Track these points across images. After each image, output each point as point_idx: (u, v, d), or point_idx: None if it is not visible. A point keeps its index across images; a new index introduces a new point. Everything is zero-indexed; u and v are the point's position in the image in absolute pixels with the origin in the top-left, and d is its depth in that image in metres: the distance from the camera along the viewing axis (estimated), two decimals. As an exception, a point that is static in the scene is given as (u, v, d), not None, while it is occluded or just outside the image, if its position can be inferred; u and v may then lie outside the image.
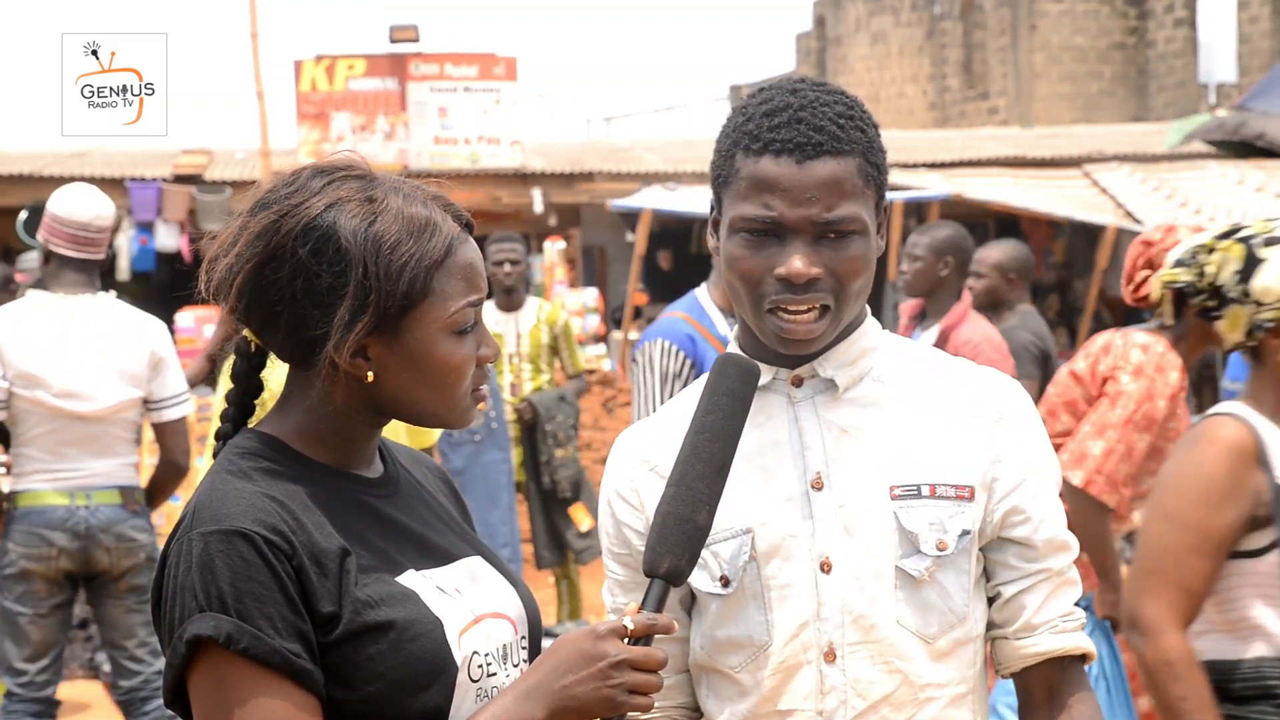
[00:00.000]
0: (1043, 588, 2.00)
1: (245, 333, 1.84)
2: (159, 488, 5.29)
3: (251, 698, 1.65)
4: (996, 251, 6.65)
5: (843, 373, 1.98)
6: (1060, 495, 2.06)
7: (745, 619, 1.96)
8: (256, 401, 1.89)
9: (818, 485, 1.95)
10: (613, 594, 2.10)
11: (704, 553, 1.96)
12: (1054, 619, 2.00)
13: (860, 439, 1.96)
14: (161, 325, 5.20)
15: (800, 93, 1.93)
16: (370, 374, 1.77)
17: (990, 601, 2.01)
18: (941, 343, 5.61)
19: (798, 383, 2.00)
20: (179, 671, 1.68)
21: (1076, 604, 2.03)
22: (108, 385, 4.99)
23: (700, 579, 1.98)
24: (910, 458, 1.95)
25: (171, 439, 5.19)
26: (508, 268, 7.49)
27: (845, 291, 1.91)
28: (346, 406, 1.79)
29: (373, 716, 1.71)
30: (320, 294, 1.73)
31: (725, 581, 1.97)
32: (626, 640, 1.70)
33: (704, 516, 1.79)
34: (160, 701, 5.18)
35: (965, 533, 1.94)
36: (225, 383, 1.94)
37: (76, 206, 5.02)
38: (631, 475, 2.05)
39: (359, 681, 1.70)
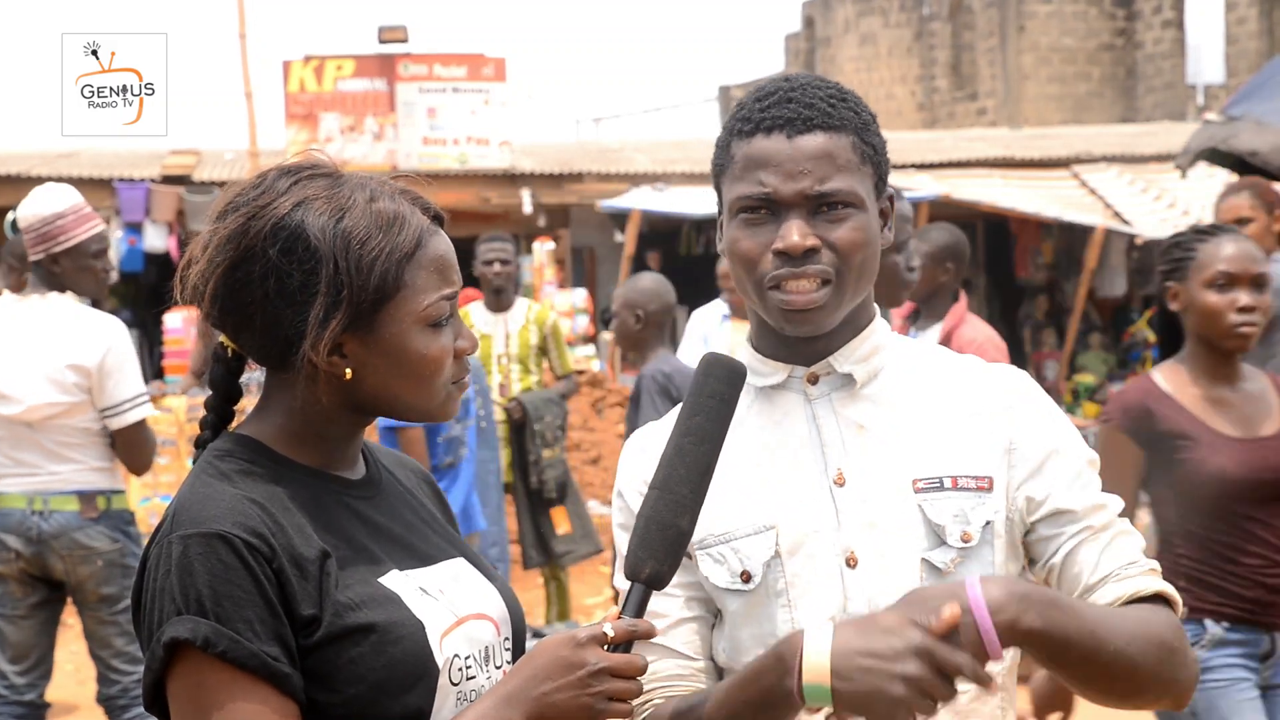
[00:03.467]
0: (1091, 543, 1.94)
1: (222, 339, 1.83)
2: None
3: (229, 701, 1.64)
4: None
5: (859, 368, 1.99)
6: None
7: (769, 617, 1.95)
8: (236, 408, 1.88)
9: (840, 481, 1.95)
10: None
11: (721, 549, 1.96)
12: (1116, 569, 1.94)
13: (879, 434, 1.97)
14: (113, 328, 5.01)
15: (792, 79, 1.96)
16: (348, 371, 1.77)
17: (1046, 582, 1.97)
18: (945, 342, 5.62)
19: (813, 380, 2.00)
20: (157, 675, 1.67)
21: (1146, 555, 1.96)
22: (33, 388, 4.88)
23: (719, 575, 1.96)
24: (929, 451, 1.95)
25: (124, 446, 5.00)
26: (497, 267, 7.48)
27: (847, 265, 1.90)
28: (326, 406, 1.79)
29: (354, 718, 1.70)
30: (292, 293, 1.73)
31: (747, 577, 1.95)
32: (607, 647, 1.69)
33: (686, 521, 1.77)
34: (139, 710, 5.14)
35: (988, 523, 1.94)
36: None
37: (21, 210, 5.01)
38: (645, 473, 2.01)
39: (340, 684, 1.69)
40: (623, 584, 2.05)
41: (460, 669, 1.76)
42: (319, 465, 1.82)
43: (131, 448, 5.00)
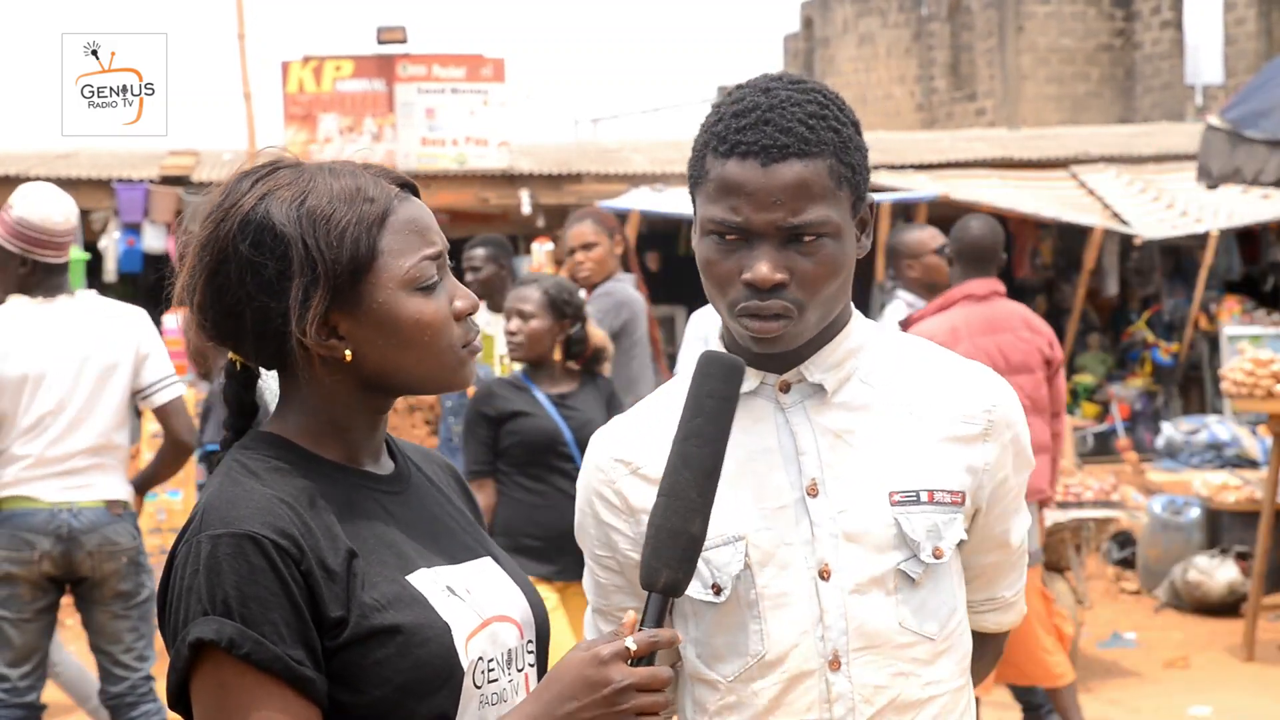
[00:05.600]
0: (980, 578, 2.08)
1: (231, 355, 1.84)
2: (164, 465, 5.32)
3: (251, 703, 1.64)
4: None
5: (830, 376, 1.97)
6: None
7: (741, 627, 1.94)
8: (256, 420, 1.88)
9: (813, 492, 1.93)
10: (596, 594, 2.08)
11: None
12: (978, 600, 2.09)
13: (855, 444, 1.95)
14: (144, 314, 5.22)
15: (773, 92, 1.90)
16: (347, 353, 1.76)
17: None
18: (904, 329, 5.67)
19: (785, 388, 1.98)
20: (182, 674, 1.67)
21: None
22: (86, 385, 4.98)
23: (692, 586, 1.95)
24: (907, 463, 1.94)
25: (173, 419, 5.17)
26: (469, 276, 7.43)
27: (813, 296, 1.89)
28: (339, 393, 1.78)
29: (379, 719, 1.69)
30: (270, 283, 1.73)
31: (717, 589, 1.95)
32: (630, 661, 1.68)
33: (698, 526, 1.76)
34: (147, 707, 5.18)
35: (960, 541, 1.96)
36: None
37: (50, 212, 4.97)
38: (610, 476, 2.02)
39: (366, 685, 1.68)
40: (592, 596, 2.07)
41: (484, 671, 1.75)
42: (344, 460, 1.81)
43: (181, 418, 5.16)
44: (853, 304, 2.03)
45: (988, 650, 2.12)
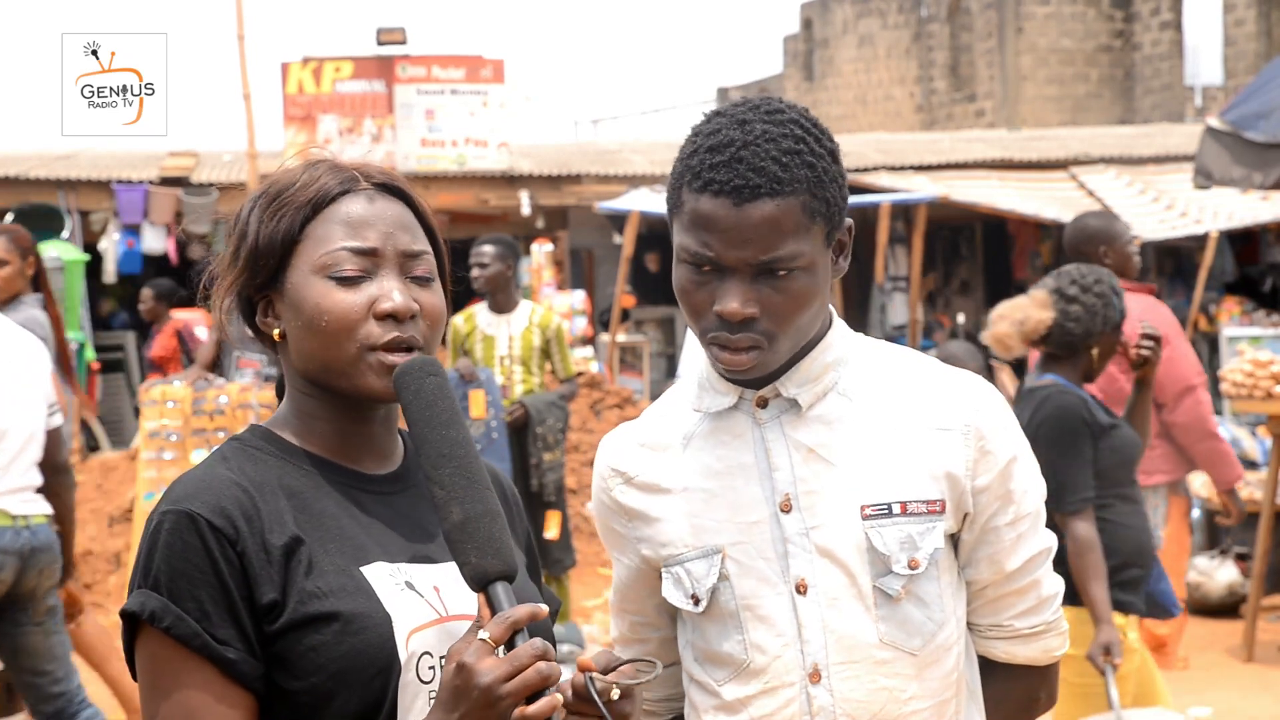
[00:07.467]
0: (978, 599, 2.04)
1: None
2: (69, 502, 5.06)
3: (173, 676, 1.67)
4: None
5: (805, 391, 1.97)
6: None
7: (725, 636, 1.98)
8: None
9: (786, 508, 1.95)
10: (617, 593, 2.12)
11: (678, 569, 1.99)
12: (984, 626, 2.04)
13: (829, 458, 1.95)
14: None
15: (748, 125, 1.88)
16: (277, 332, 1.81)
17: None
18: None
19: (763, 404, 1.99)
20: (128, 644, 1.72)
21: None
22: (24, 402, 4.89)
23: (676, 596, 2.00)
24: (880, 475, 1.94)
25: (59, 442, 5.00)
26: (475, 271, 7.42)
27: (785, 327, 1.89)
28: (300, 384, 1.82)
29: (317, 706, 1.69)
30: (228, 259, 1.85)
31: (695, 600, 1.98)
32: (499, 650, 1.64)
33: (457, 512, 1.69)
34: (88, 712, 5.06)
35: (937, 549, 1.94)
36: None
37: None
38: (609, 485, 2.07)
39: (301, 671, 1.69)
40: (613, 580, 2.11)
41: (431, 667, 1.74)
42: (328, 454, 1.82)
43: (59, 443, 4.98)
44: (836, 314, 2.03)
45: (1014, 684, 2.06)
